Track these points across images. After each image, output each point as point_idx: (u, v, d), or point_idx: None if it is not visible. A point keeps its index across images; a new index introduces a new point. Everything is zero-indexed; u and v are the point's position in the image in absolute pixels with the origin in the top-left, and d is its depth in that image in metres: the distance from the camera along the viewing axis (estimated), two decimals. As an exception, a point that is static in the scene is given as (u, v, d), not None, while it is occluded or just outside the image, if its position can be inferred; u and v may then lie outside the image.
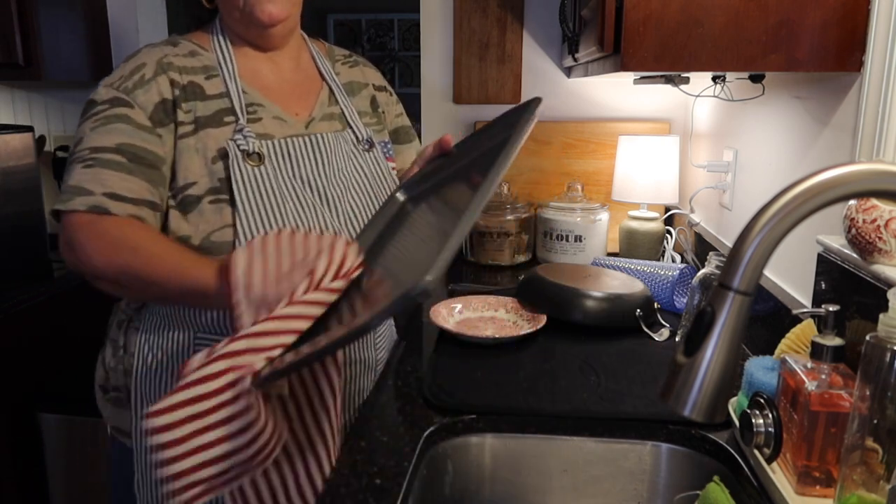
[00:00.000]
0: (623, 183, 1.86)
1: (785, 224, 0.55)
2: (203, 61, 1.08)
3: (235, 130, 1.04)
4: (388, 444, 0.95)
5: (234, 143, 1.03)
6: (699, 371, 0.57)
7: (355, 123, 1.21)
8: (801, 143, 1.20)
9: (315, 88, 1.19)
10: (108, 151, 0.99)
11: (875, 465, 0.70)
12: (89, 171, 0.98)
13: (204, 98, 1.05)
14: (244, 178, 1.02)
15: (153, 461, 0.88)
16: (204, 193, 1.02)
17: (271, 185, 1.04)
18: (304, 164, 1.09)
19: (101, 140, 0.99)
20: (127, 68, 1.05)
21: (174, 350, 1.06)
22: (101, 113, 1.01)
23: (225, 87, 1.07)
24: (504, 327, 1.37)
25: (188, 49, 1.09)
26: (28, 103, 2.39)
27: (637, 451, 0.99)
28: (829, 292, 1.00)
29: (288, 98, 1.14)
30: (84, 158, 0.99)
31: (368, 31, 5.68)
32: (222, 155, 1.03)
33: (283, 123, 1.10)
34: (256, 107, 1.08)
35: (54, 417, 1.89)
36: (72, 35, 2.14)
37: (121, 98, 1.02)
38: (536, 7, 2.01)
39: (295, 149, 1.09)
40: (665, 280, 1.52)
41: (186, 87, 1.05)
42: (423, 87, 2.10)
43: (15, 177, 1.91)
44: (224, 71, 1.08)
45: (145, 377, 1.07)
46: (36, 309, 1.91)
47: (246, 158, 1.03)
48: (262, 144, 1.05)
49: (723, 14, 1.01)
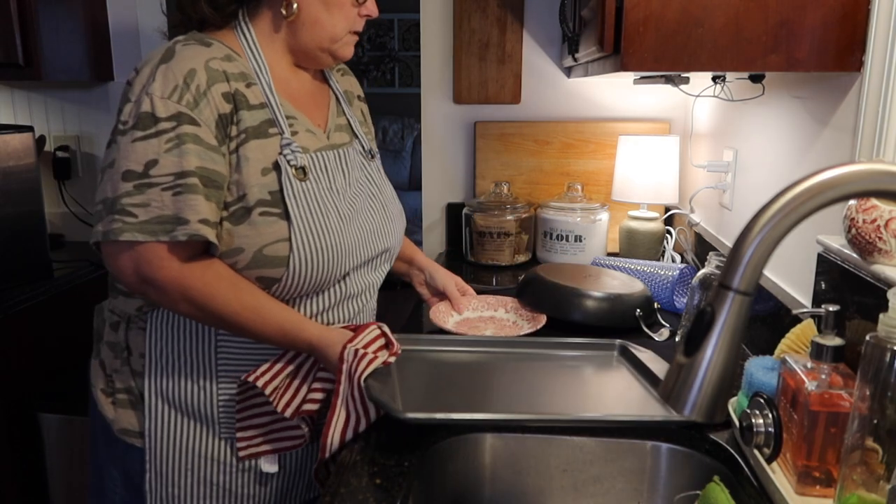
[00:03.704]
0: (623, 183, 1.86)
1: (785, 224, 0.56)
2: (240, 67, 1.04)
3: (283, 144, 1.03)
4: (388, 444, 0.95)
5: (284, 159, 1.02)
6: (699, 371, 0.58)
7: (360, 134, 1.23)
8: (801, 143, 1.20)
9: (326, 98, 1.20)
10: (191, 176, 0.96)
11: (875, 465, 0.70)
12: (181, 198, 0.95)
13: (249, 108, 1.02)
14: (295, 193, 1.02)
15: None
16: (254, 205, 1.00)
17: (316, 200, 1.05)
18: (336, 176, 1.10)
19: (181, 164, 0.95)
20: (177, 76, 0.97)
21: (192, 348, 1.06)
22: (171, 131, 0.95)
23: (265, 97, 1.04)
24: (504, 327, 1.37)
25: (223, 52, 1.03)
26: (28, 103, 2.39)
27: (637, 451, 0.99)
28: (829, 292, 1.00)
29: (310, 108, 1.14)
30: (170, 185, 0.95)
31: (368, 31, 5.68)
32: (271, 168, 1.02)
33: (313, 136, 1.10)
34: (292, 119, 1.08)
35: (54, 417, 1.89)
36: (72, 35, 2.14)
37: (186, 114, 0.96)
38: (536, 7, 2.01)
39: (329, 162, 1.10)
40: (665, 280, 1.52)
41: (235, 95, 1.01)
42: (423, 87, 2.10)
43: (15, 177, 1.91)
44: (261, 80, 1.05)
45: (161, 376, 1.07)
46: (36, 309, 1.91)
47: (295, 173, 1.03)
48: (305, 158, 1.05)
49: (723, 14, 1.01)
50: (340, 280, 1.10)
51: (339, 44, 1.10)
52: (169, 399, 1.08)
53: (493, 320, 1.41)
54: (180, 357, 1.07)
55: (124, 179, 0.95)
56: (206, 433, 1.09)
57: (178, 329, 1.06)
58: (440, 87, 2.09)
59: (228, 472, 1.10)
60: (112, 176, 0.96)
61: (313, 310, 1.09)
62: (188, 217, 0.95)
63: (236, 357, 1.07)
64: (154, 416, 1.08)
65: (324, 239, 1.04)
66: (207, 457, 1.09)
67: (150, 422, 1.08)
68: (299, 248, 1.01)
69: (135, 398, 1.10)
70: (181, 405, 1.08)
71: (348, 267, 1.09)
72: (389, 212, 1.21)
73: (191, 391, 1.07)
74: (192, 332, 1.06)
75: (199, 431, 1.09)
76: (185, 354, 1.07)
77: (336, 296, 1.11)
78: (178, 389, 1.07)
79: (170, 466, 1.09)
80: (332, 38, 1.09)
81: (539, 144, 2.04)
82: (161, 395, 1.08)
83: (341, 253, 1.06)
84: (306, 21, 1.07)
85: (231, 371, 1.07)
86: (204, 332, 1.06)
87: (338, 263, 1.06)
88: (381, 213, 1.19)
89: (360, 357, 0.98)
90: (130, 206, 0.95)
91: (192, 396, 1.07)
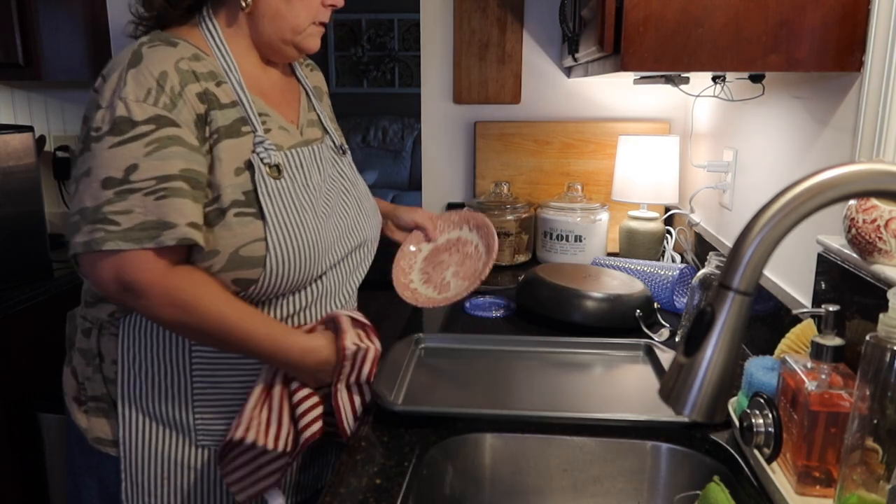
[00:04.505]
0: (623, 183, 1.86)
1: (785, 224, 0.55)
2: (208, 66, 1.01)
3: (256, 143, 1.01)
4: (388, 444, 0.95)
5: (257, 157, 1.00)
6: (699, 371, 0.57)
7: (331, 130, 1.21)
8: (801, 143, 1.20)
9: (296, 94, 1.18)
10: (175, 179, 0.93)
11: (875, 465, 0.70)
12: (165, 202, 0.92)
13: (221, 107, 1.00)
14: (270, 191, 1.00)
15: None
16: (228, 206, 0.98)
17: (291, 198, 1.03)
18: (311, 173, 1.08)
19: (162, 167, 0.93)
20: (149, 79, 0.94)
21: (165, 353, 1.03)
22: (151, 134, 0.93)
23: (236, 95, 1.02)
24: (468, 257, 1.37)
25: (191, 52, 1.00)
26: (28, 103, 2.39)
27: (637, 450, 0.99)
28: (829, 292, 1.00)
29: (282, 105, 1.12)
30: (153, 190, 0.92)
31: (368, 31, 5.68)
32: (244, 167, 1.00)
33: (286, 133, 1.08)
34: (265, 116, 1.06)
35: (54, 417, 1.88)
36: (72, 35, 2.14)
37: (165, 116, 0.94)
38: (536, 7, 2.01)
39: (304, 159, 1.08)
40: (665, 280, 1.52)
41: (206, 95, 0.99)
42: (423, 87, 2.10)
43: (15, 177, 1.91)
44: (231, 78, 1.03)
45: (134, 383, 1.04)
46: (36, 309, 1.91)
47: (269, 171, 1.01)
48: (279, 156, 1.03)
49: (723, 14, 1.01)
50: (317, 279, 1.08)
51: (302, 35, 1.07)
52: (142, 407, 1.05)
53: (459, 246, 1.40)
54: (153, 363, 1.04)
55: (104, 187, 0.92)
56: (181, 441, 1.06)
57: (151, 334, 1.03)
58: (440, 87, 2.08)
59: (206, 481, 1.07)
60: (90, 184, 0.93)
61: (289, 310, 1.06)
62: (175, 221, 0.92)
63: (211, 362, 1.04)
64: (128, 425, 1.05)
65: (300, 237, 1.02)
66: (184, 465, 1.06)
67: (124, 430, 1.05)
68: (275, 247, 0.99)
69: (107, 406, 1.07)
70: (155, 413, 1.05)
71: (325, 265, 1.07)
72: (364, 208, 1.19)
73: (165, 398, 1.04)
74: (165, 338, 1.03)
75: (175, 439, 1.06)
76: (158, 359, 1.04)
77: (312, 295, 1.08)
78: (152, 396, 1.04)
79: (145, 476, 1.06)
80: (294, 30, 1.05)
81: (539, 144, 2.04)
82: (134, 402, 1.05)
83: (318, 251, 1.04)
84: (266, 13, 1.04)
85: (206, 376, 1.04)
86: (178, 338, 1.03)
87: (315, 262, 1.04)
88: (355, 209, 1.16)
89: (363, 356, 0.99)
90: (112, 213, 0.92)
91: (166, 403, 1.04)
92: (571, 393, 1.14)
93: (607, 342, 1.29)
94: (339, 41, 5.72)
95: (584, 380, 1.19)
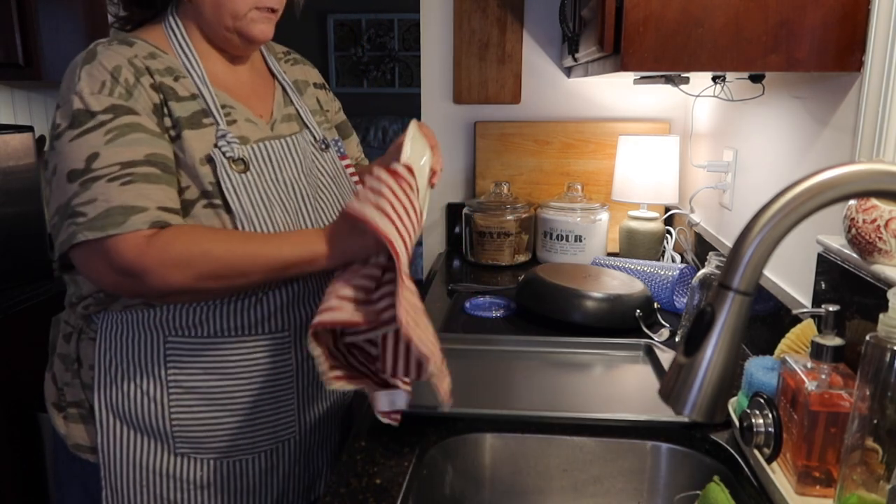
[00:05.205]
0: (623, 183, 1.86)
1: (785, 224, 0.55)
2: (165, 63, 1.01)
3: (218, 136, 1.00)
4: (388, 444, 0.95)
5: (219, 151, 0.99)
6: (699, 371, 0.58)
7: (311, 123, 1.18)
8: (801, 143, 1.20)
9: (270, 89, 1.16)
10: (141, 165, 0.92)
11: (875, 465, 0.70)
12: (131, 187, 0.91)
13: (178, 99, 0.99)
14: (235, 185, 0.99)
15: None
16: (196, 198, 0.98)
17: (258, 191, 1.01)
18: (282, 168, 1.06)
19: (125, 154, 0.92)
20: (103, 73, 0.95)
21: (140, 356, 1.02)
22: (109, 123, 0.93)
23: (196, 88, 1.02)
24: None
25: (147, 51, 1.01)
26: (28, 103, 2.39)
27: (637, 450, 0.99)
28: (829, 292, 1.00)
29: (250, 99, 1.10)
30: (117, 175, 0.91)
31: (368, 31, 5.68)
32: (207, 159, 0.99)
33: (254, 126, 1.07)
34: (229, 108, 1.05)
35: (54, 417, 1.89)
36: (72, 35, 2.14)
37: (122, 105, 0.94)
38: (536, 7, 2.01)
39: (273, 152, 1.06)
40: (665, 280, 1.52)
41: (161, 87, 0.99)
42: (423, 87, 2.10)
43: (15, 177, 1.91)
44: (192, 73, 1.03)
45: (110, 388, 1.03)
46: (36, 309, 1.91)
47: (232, 165, 1.00)
48: (244, 150, 1.02)
49: (723, 14, 1.01)
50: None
51: (243, 21, 1.03)
52: (119, 413, 1.03)
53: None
54: (129, 367, 1.02)
55: (69, 180, 0.91)
56: (159, 449, 1.04)
57: (126, 338, 1.02)
58: (440, 87, 2.08)
59: (186, 490, 1.05)
60: (58, 182, 0.93)
61: (265, 311, 1.04)
62: (143, 205, 0.91)
63: (187, 366, 1.02)
64: (106, 431, 1.03)
65: (269, 230, 1.00)
66: (163, 474, 1.04)
67: (102, 437, 1.03)
68: None
69: (86, 412, 1.06)
70: (132, 419, 1.03)
71: None
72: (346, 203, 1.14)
73: (141, 404, 1.02)
74: (141, 342, 1.01)
75: (153, 447, 1.03)
76: (133, 364, 1.02)
77: (289, 295, 1.05)
78: (129, 402, 1.02)
79: (125, 483, 1.04)
80: (233, 15, 1.02)
81: (539, 144, 2.04)
82: (111, 408, 1.03)
83: None
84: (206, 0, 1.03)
85: (181, 381, 1.02)
86: (153, 340, 1.01)
87: None
88: (333, 205, 1.13)
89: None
90: (79, 205, 0.90)
91: (142, 410, 1.02)
92: (571, 393, 1.14)
93: (607, 342, 1.29)
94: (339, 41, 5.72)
95: (584, 380, 1.19)
